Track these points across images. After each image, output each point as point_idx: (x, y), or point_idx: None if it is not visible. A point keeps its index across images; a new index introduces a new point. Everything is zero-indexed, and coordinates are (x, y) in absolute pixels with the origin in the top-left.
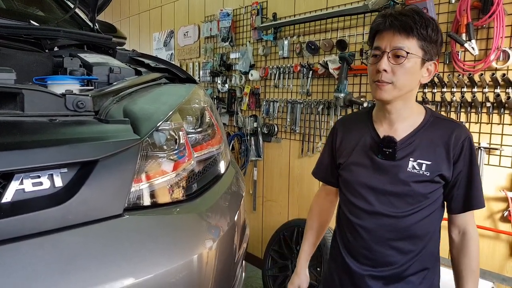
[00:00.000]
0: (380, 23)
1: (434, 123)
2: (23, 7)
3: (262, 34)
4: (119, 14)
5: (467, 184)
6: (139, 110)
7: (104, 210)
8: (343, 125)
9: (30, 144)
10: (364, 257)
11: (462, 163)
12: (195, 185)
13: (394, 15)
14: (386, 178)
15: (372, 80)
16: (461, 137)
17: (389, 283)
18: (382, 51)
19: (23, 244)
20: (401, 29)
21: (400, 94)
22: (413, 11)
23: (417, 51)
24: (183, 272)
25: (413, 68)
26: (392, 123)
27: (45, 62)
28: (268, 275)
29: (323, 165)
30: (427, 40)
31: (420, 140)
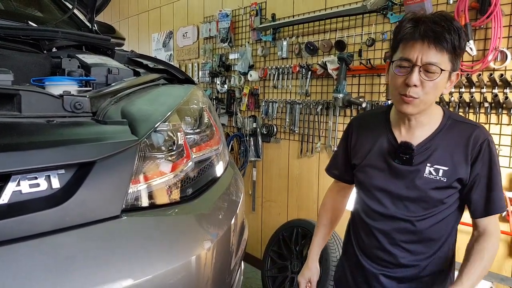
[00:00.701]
0: (410, 31)
1: (451, 126)
2: (21, 8)
3: (261, 35)
4: (118, 15)
5: (486, 188)
6: (137, 111)
7: (102, 211)
8: (359, 124)
9: (27, 146)
10: (378, 257)
11: (479, 166)
12: (194, 186)
13: (426, 23)
14: (402, 183)
15: (397, 92)
16: (479, 139)
17: (403, 282)
18: (413, 64)
19: (20, 246)
20: (436, 42)
21: (425, 107)
22: (446, 19)
23: (447, 65)
24: (181, 273)
25: (442, 82)
26: (411, 129)
27: (43, 63)
28: (267, 276)
29: (337, 163)
30: (457, 53)
31: (437, 145)
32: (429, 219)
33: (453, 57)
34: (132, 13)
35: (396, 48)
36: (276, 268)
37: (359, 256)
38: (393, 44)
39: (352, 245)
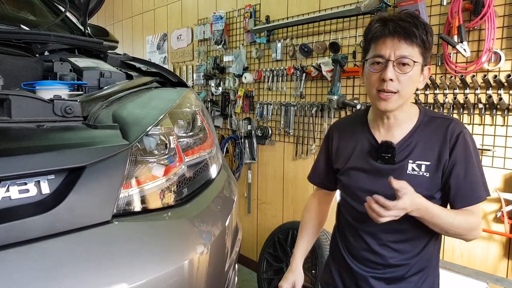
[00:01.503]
0: (380, 29)
1: (428, 122)
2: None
3: (255, 37)
4: (112, 17)
5: (465, 178)
6: (129, 115)
7: (92, 216)
8: (338, 129)
9: (17, 151)
10: (367, 259)
11: (457, 156)
12: (186, 190)
13: (394, 21)
14: (386, 182)
15: (374, 89)
16: (455, 130)
17: (392, 283)
18: (386, 59)
19: (9, 252)
20: (406, 37)
21: (403, 102)
22: (412, 17)
23: (419, 58)
24: (174, 277)
25: (416, 75)
26: (390, 128)
27: (35, 66)
28: (263, 278)
29: (319, 170)
30: (426, 47)
31: (417, 141)
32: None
33: (423, 51)
34: (126, 16)
35: (368, 48)
36: (272, 271)
37: (347, 259)
38: (364, 45)
39: (339, 248)
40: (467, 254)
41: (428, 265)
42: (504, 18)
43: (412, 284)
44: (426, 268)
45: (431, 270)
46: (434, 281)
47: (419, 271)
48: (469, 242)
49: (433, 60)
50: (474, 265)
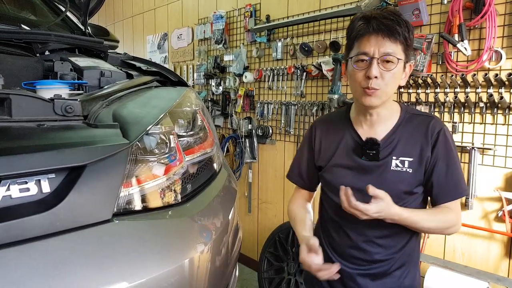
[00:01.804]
0: (364, 27)
1: (409, 119)
2: (14, 11)
3: (255, 36)
4: (113, 17)
5: (446, 174)
6: (129, 114)
7: (93, 215)
8: (321, 127)
9: (17, 150)
10: (352, 256)
11: (438, 152)
12: (187, 189)
13: (378, 19)
14: (371, 179)
15: (359, 86)
16: (436, 128)
17: (377, 279)
18: (371, 57)
19: (10, 251)
20: (390, 34)
21: (387, 99)
22: (394, 14)
23: (402, 56)
24: (175, 276)
25: (399, 72)
26: (373, 125)
27: (35, 66)
28: (264, 278)
29: (302, 168)
30: (408, 44)
31: (399, 137)
32: None
33: (405, 48)
34: (126, 16)
35: (351, 46)
36: (272, 270)
37: (331, 256)
38: (348, 43)
39: (322, 245)
40: (468, 254)
41: (409, 260)
42: (505, 16)
43: (395, 278)
44: (407, 263)
45: (413, 264)
46: (415, 275)
47: (401, 266)
48: (470, 242)
49: (434, 59)
50: (475, 265)
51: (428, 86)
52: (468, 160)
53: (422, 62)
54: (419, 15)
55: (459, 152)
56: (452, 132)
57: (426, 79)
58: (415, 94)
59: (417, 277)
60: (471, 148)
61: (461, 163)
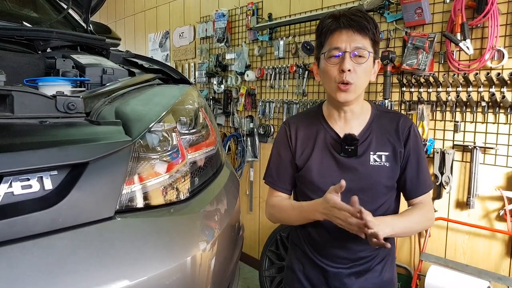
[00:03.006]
0: (334, 24)
1: (380, 116)
2: (16, 8)
3: (257, 35)
4: (115, 15)
5: (417, 168)
6: (131, 111)
7: (95, 212)
8: (295, 125)
9: (20, 147)
10: (335, 255)
11: (410, 148)
12: (189, 186)
13: (346, 15)
14: (351, 175)
15: (334, 81)
16: (406, 124)
17: (360, 276)
18: (343, 51)
19: (12, 248)
20: (359, 29)
21: (359, 93)
22: (361, 12)
23: (370, 50)
24: (177, 274)
25: (369, 67)
26: (347, 121)
27: (37, 63)
28: (265, 276)
29: (280, 171)
30: (376, 40)
31: (374, 133)
32: (381, 207)
33: (373, 43)
34: (128, 13)
35: (323, 43)
36: (273, 269)
37: (313, 258)
38: (318, 41)
39: (302, 246)
40: (470, 253)
41: (389, 253)
42: (508, 15)
43: (376, 273)
44: (387, 256)
45: (391, 258)
46: (393, 268)
47: (381, 260)
48: (472, 240)
49: (436, 58)
50: (476, 264)
51: (430, 85)
52: (470, 159)
53: (424, 61)
54: (421, 14)
55: (461, 152)
56: (454, 131)
57: (428, 78)
58: (417, 93)
59: (395, 270)
60: (473, 147)
61: (463, 162)
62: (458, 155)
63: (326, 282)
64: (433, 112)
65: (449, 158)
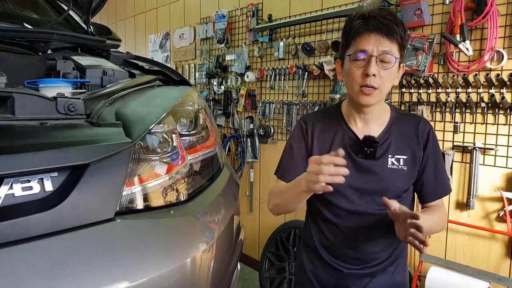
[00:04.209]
0: (362, 26)
1: (400, 118)
2: (16, 9)
3: (257, 36)
4: (115, 16)
5: (435, 172)
6: (131, 113)
7: (95, 214)
8: (312, 122)
9: (20, 148)
10: (349, 256)
11: (429, 152)
12: (189, 188)
13: (376, 18)
14: (369, 177)
15: (357, 85)
16: (426, 127)
17: (372, 277)
18: (369, 55)
19: (12, 250)
20: (388, 33)
21: (382, 97)
22: (391, 14)
23: (398, 55)
24: (176, 275)
25: (395, 72)
26: (367, 123)
27: (38, 65)
28: (265, 277)
29: (291, 162)
30: (403, 44)
31: (393, 136)
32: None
33: (400, 48)
34: (128, 15)
35: (349, 44)
36: (273, 270)
37: (325, 258)
38: (345, 41)
39: (314, 245)
40: (469, 253)
41: (401, 255)
42: (507, 16)
43: (388, 275)
44: (399, 258)
45: (403, 260)
46: (405, 270)
47: (393, 262)
48: (472, 241)
49: (435, 59)
50: (476, 264)
51: (430, 86)
52: (470, 160)
53: (423, 62)
54: (421, 15)
55: (460, 152)
56: (454, 132)
57: (428, 79)
58: (417, 94)
59: (407, 272)
60: (473, 148)
61: (463, 163)
62: (457, 156)
63: (337, 283)
64: (432, 113)
65: (448, 159)
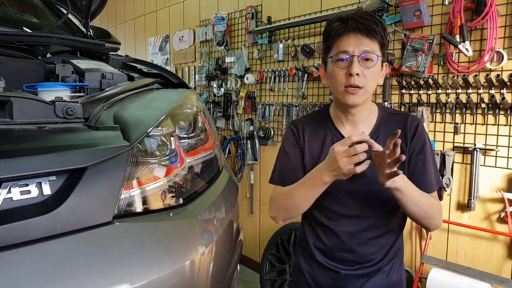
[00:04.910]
0: (342, 27)
1: (388, 118)
2: (16, 13)
3: (257, 38)
4: (115, 19)
5: (423, 166)
6: (130, 116)
7: (93, 217)
8: (303, 127)
9: (18, 152)
10: (344, 259)
11: (416, 145)
12: (188, 190)
13: (354, 18)
14: (360, 180)
15: (341, 85)
16: (413, 123)
17: (368, 277)
18: (351, 55)
19: (10, 253)
20: (368, 32)
21: (368, 97)
22: (369, 14)
23: (379, 53)
24: (176, 278)
25: (378, 70)
26: (355, 124)
27: (37, 69)
28: (266, 279)
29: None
30: (384, 43)
31: (381, 136)
32: (391, 211)
33: (381, 46)
34: (128, 18)
35: (330, 47)
36: (274, 272)
37: (320, 260)
38: (325, 45)
39: (309, 248)
40: (471, 255)
41: (396, 255)
42: (507, 17)
43: (384, 274)
44: (395, 258)
45: (399, 259)
46: (401, 270)
47: (389, 262)
48: (473, 243)
49: (435, 60)
50: (478, 266)
51: (430, 87)
52: (470, 161)
53: (423, 63)
54: (420, 16)
55: (461, 153)
56: (454, 133)
57: (428, 80)
58: (417, 95)
59: (403, 272)
60: (473, 149)
61: (464, 164)
62: (458, 157)
63: (334, 284)
64: (432, 114)
65: (449, 160)
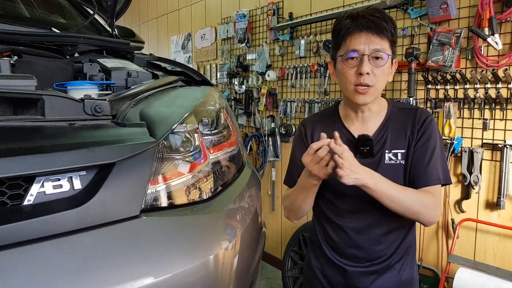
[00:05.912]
0: (352, 25)
1: (397, 113)
2: (45, 15)
3: (278, 34)
4: (138, 18)
5: (429, 158)
6: (155, 113)
7: (122, 211)
8: (311, 126)
9: (51, 148)
10: (353, 255)
11: (422, 136)
12: (211, 186)
13: (365, 16)
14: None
15: (351, 84)
16: (422, 116)
17: (378, 274)
18: (361, 54)
19: (43, 245)
20: (378, 31)
21: (378, 95)
22: (380, 12)
23: (389, 52)
24: (200, 272)
25: (388, 69)
26: (365, 121)
27: (66, 68)
28: (288, 276)
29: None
30: (394, 41)
31: (390, 131)
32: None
33: (391, 44)
34: (151, 17)
35: (340, 45)
36: (296, 269)
37: (330, 257)
38: (335, 42)
39: (320, 244)
40: (500, 255)
41: (407, 252)
42: None
43: (395, 271)
44: (405, 255)
45: (411, 257)
46: (413, 268)
47: (400, 258)
48: (503, 242)
49: (462, 54)
50: (507, 266)
51: (457, 82)
52: (500, 158)
53: (450, 58)
54: (447, 9)
55: (490, 150)
56: (483, 129)
57: (455, 75)
58: (443, 90)
59: (415, 270)
60: (503, 145)
61: (493, 161)
62: (487, 154)
63: (344, 281)
64: (460, 109)
65: (477, 157)
